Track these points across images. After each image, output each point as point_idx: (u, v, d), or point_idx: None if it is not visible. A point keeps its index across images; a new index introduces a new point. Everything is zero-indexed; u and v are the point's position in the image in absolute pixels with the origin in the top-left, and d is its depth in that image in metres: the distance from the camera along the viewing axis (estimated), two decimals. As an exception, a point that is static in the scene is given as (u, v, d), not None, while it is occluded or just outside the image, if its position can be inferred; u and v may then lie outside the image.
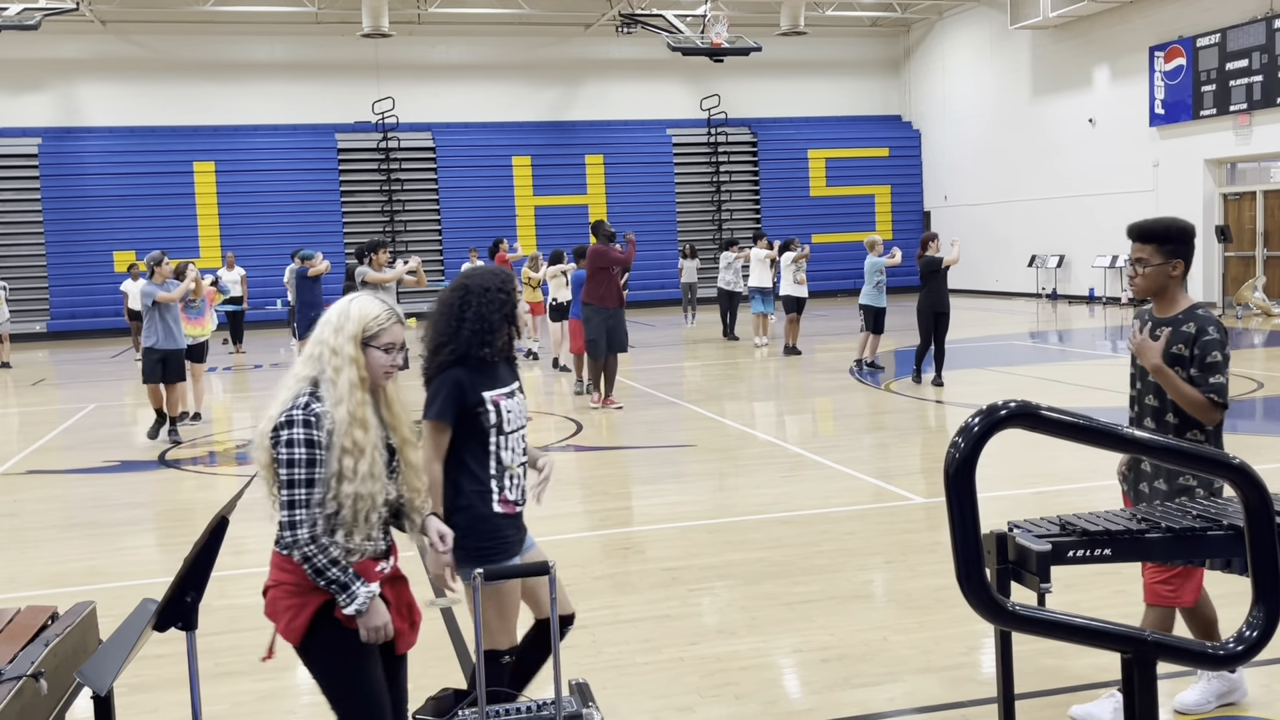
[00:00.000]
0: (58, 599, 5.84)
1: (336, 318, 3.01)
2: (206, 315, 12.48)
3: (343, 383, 2.93)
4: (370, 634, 2.95)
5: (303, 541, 2.87)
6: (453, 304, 3.58)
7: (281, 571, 2.99)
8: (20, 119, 26.11)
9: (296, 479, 2.88)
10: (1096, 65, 24.41)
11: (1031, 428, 2.41)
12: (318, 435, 2.89)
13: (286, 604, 2.98)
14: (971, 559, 2.41)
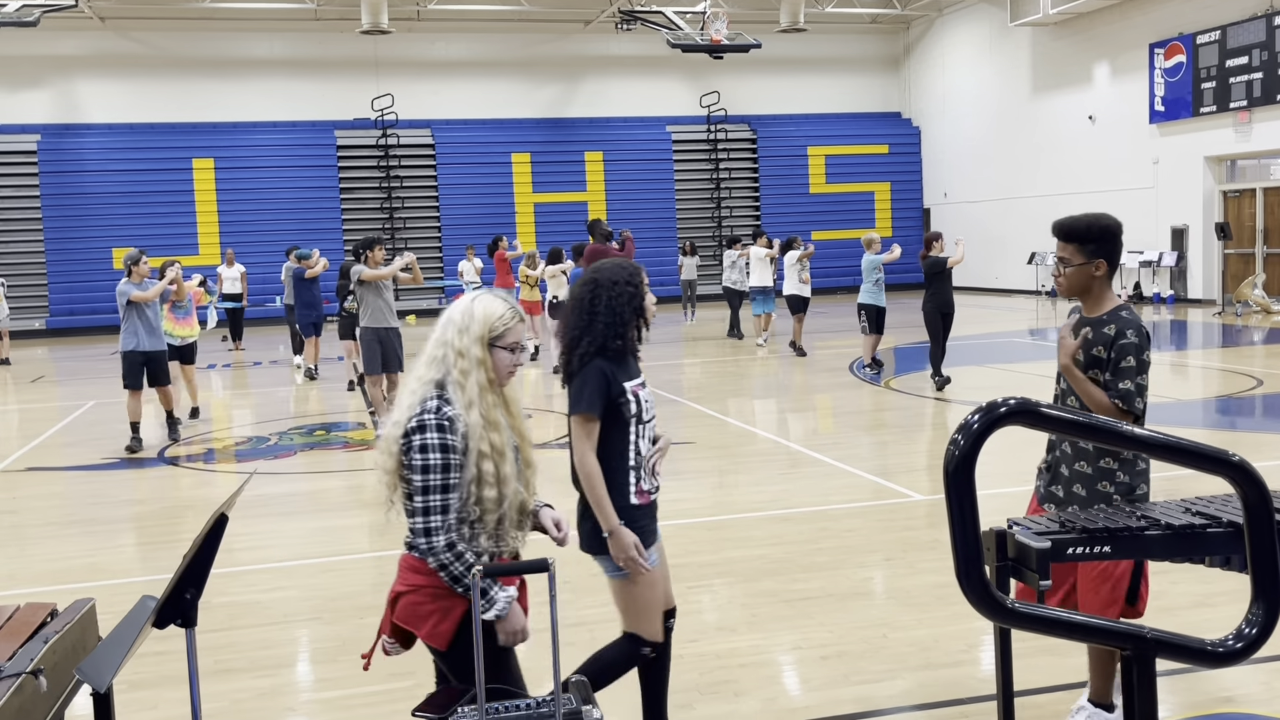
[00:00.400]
0: (57, 596, 5.84)
1: (460, 318, 2.95)
2: (194, 316, 12.06)
3: (472, 385, 2.88)
4: (508, 638, 2.93)
5: (439, 549, 2.84)
6: (583, 298, 3.57)
7: (418, 575, 2.95)
8: (19, 115, 26.09)
9: (432, 485, 2.83)
10: (1096, 62, 24.40)
11: (1031, 425, 2.41)
12: (451, 440, 2.83)
13: (430, 609, 2.93)
14: (971, 556, 2.41)
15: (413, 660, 4.91)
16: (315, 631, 5.38)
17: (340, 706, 4.50)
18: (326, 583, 6.16)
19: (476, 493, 2.85)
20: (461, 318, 2.94)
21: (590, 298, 3.57)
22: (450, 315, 2.98)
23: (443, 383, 2.90)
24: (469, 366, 2.89)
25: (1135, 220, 23.44)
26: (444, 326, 2.97)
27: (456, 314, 2.97)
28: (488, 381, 2.91)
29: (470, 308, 2.95)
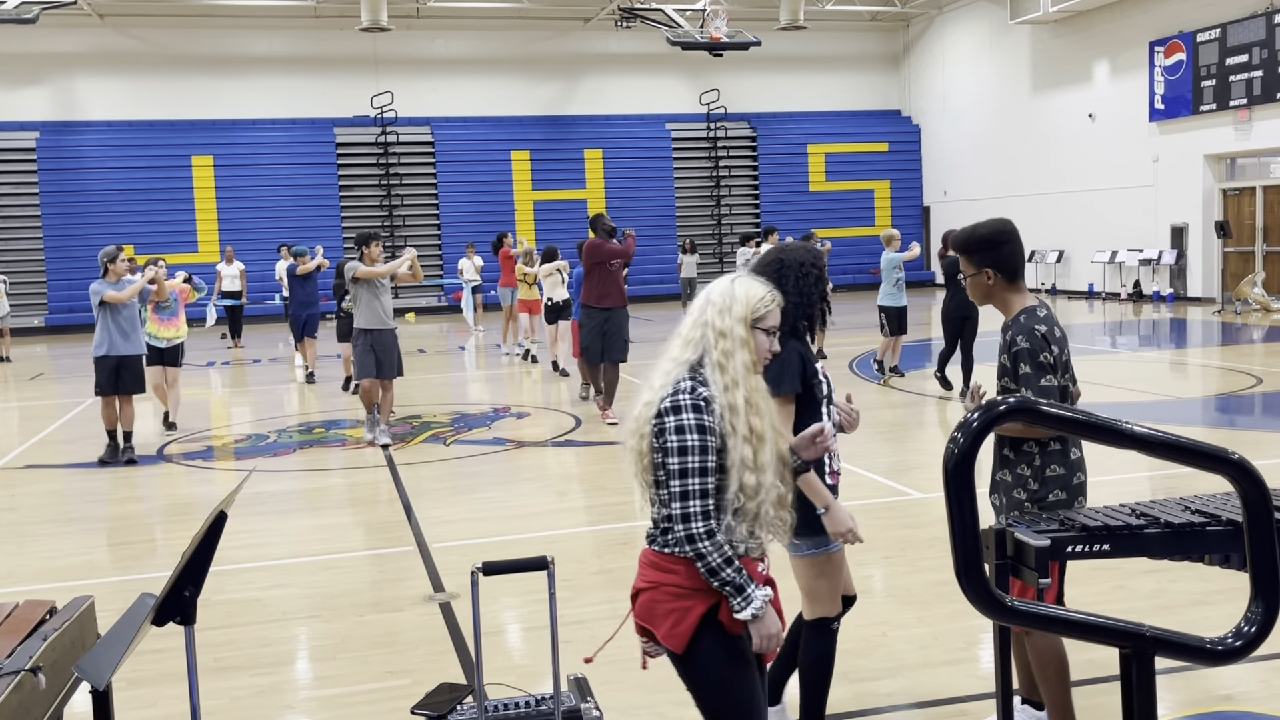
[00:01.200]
0: (56, 593, 5.84)
1: (721, 299, 2.81)
2: (181, 316, 11.25)
3: (736, 366, 2.73)
4: (763, 642, 2.74)
5: (699, 536, 2.65)
6: (770, 277, 3.47)
7: (661, 572, 2.77)
8: (18, 113, 26.07)
9: (690, 468, 2.66)
10: (1096, 60, 24.40)
11: (1030, 423, 2.41)
12: (709, 421, 2.69)
13: (669, 607, 2.75)
14: (970, 554, 2.41)
15: (411, 658, 4.91)
16: (314, 629, 5.38)
17: (339, 704, 4.50)
18: (325, 580, 6.16)
19: (739, 478, 2.68)
20: (722, 298, 2.81)
21: (778, 279, 3.54)
22: (709, 296, 2.84)
23: (699, 364, 2.77)
24: (731, 347, 2.75)
25: (1135, 218, 23.45)
26: (702, 307, 2.83)
27: (716, 294, 2.83)
28: (751, 363, 2.76)
29: (730, 288, 2.82)
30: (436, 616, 5.46)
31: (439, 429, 10.84)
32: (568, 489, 8.26)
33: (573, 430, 10.53)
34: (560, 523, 7.26)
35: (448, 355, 18.09)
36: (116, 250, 9.71)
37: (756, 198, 30.29)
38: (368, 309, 9.77)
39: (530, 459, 9.40)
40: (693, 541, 2.65)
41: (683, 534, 2.66)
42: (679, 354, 2.80)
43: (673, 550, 2.71)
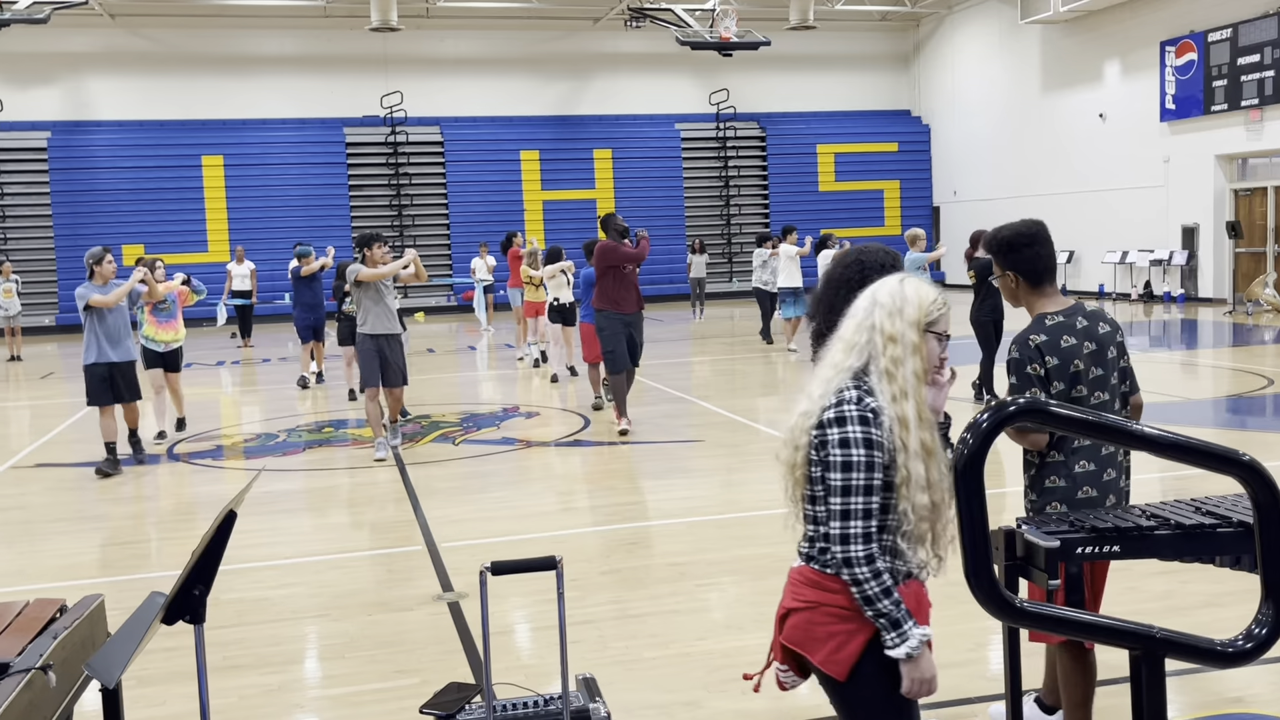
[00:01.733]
0: (66, 592, 5.86)
1: (890, 300, 2.60)
2: (179, 319, 10.70)
3: (906, 375, 2.52)
4: (914, 686, 2.52)
5: (857, 561, 2.45)
6: (851, 279, 3.35)
7: (823, 591, 2.56)
8: (30, 113, 26.17)
9: (855, 485, 2.45)
10: (1107, 60, 24.32)
11: (1040, 424, 2.40)
12: (876, 434, 2.48)
13: (829, 631, 2.54)
14: (980, 555, 2.40)
15: (419, 657, 4.92)
16: (323, 628, 5.39)
17: (348, 703, 4.50)
18: (334, 579, 6.17)
19: (908, 496, 2.47)
20: (891, 299, 2.59)
21: (860, 280, 3.47)
22: (876, 297, 2.62)
23: (864, 371, 2.56)
24: (902, 354, 2.54)
25: (1146, 219, 23.37)
26: (868, 309, 2.61)
27: (884, 296, 2.61)
28: (923, 371, 2.55)
29: (900, 289, 2.61)
30: (445, 616, 5.47)
31: (448, 428, 10.85)
32: (576, 489, 8.26)
33: (581, 430, 10.53)
34: (569, 523, 7.26)
35: (457, 355, 18.11)
36: (103, 252, 9.19)
37: (766, 198, 30.27)
38: (372, 313, 9.32)
39: (539, 459, 9.40)
40: (850, 566, 2.46)
41: (840, 557, 2.47)
42: (841, 359, 2.59)
43: (835, 570, 2.53)
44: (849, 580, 2.47)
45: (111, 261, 9.17)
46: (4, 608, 3.26)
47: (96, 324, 9.03)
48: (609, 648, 4.95)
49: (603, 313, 10.15)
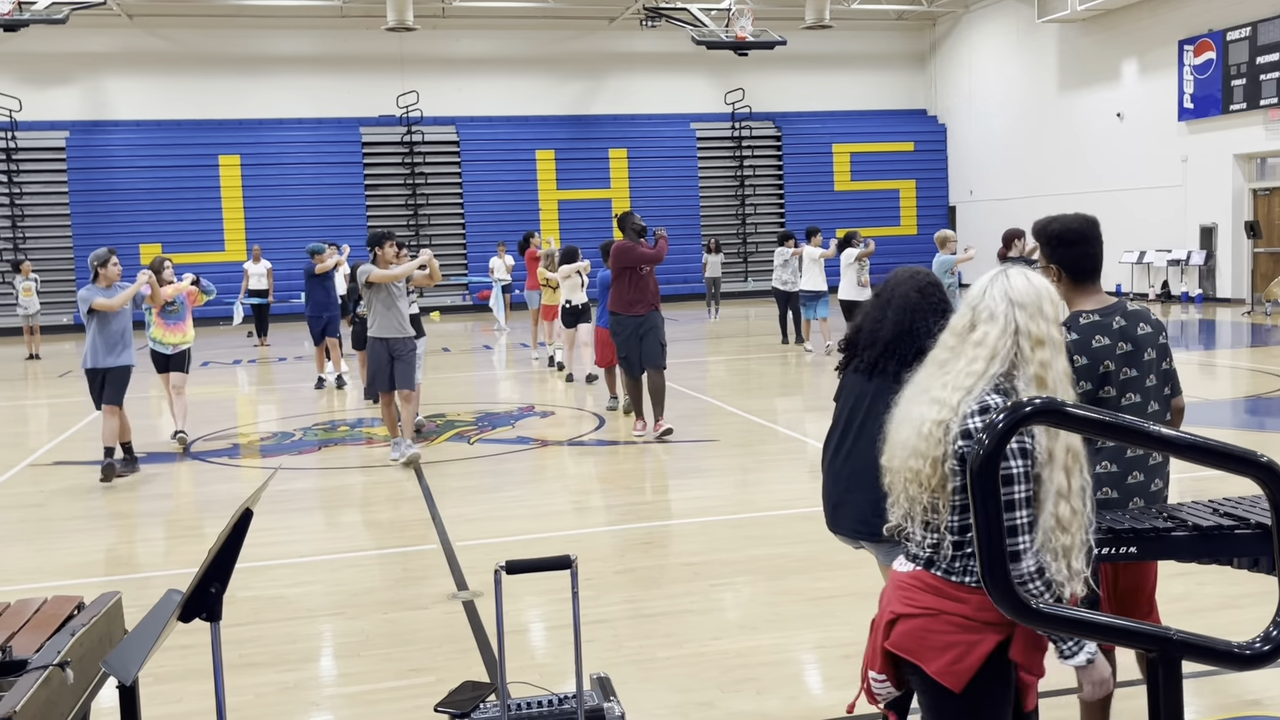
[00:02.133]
0: (84, 589, 5.89)
1: (1026, 297, 2.48)
2: (188, 320, 10.36)
3: (1057, 377, 2.43)
4: (1094, 689, 2.51)
5: (1030, 575, 2.38)
6: (934, 300, 3.60)
7: (946, 599, 2.49)
8: (48, 112, 26.32)
9: (1017, 499, 2.36)
10: (1125, 59, 24.20)
11: (1057, 424, 2.38)
12: (1029, 444, 2.39)
13: (950, 640, 2.47)
14: (996, 556, 2.39)
15: (434, 656, 4.93)
16: (338, 626, 5.41)
17: (363, 701, 4.52)
18: (350, 578, 6.19)
19: (1053, 510, 2.40)
20: (1026, 296, 2.47)
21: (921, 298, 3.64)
22: (1009, 294, 2.48)
23: (1006, 376, 2.46)
24: (1050, 356, 2.43)
25: (1163, 218, 23.24)
26: (1007, 313, 2.47)
27: (1018, 293, 2.48)
28: (1069, 373, 2.46)
29: (1031, 285, 2.49)
30: (460, 614, 5.48)
31: (463, 427, 10.87)
32: (591, 488, 8.26)
33: (596, 430, 10.54)
34: (583, 522, 7.27)
35: (473, 354, 18.14)
36: (108, 253, 8.93)
37: (781, 197, 30.23)
38: (383, 316, 8.96)
39: (553, 458, 9.41)
40: (1024, 584, 2.39)
41: (1026, 574, 2.40)
42: (984, 367, 2.47)
43: (963, 580, 2.47)
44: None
45: (117, 264, 8.95)
46: (22, 604, 3.29)
47: (97, 328, 8.80)
48: (623, 647, 4.95)
49: (615, 316, 9.83)
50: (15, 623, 3.12)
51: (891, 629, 2.56)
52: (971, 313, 2.54)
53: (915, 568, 2.55)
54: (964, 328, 2.55)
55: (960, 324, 2.57)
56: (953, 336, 2.57)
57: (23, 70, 26.03)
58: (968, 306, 2.57)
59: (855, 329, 3.85)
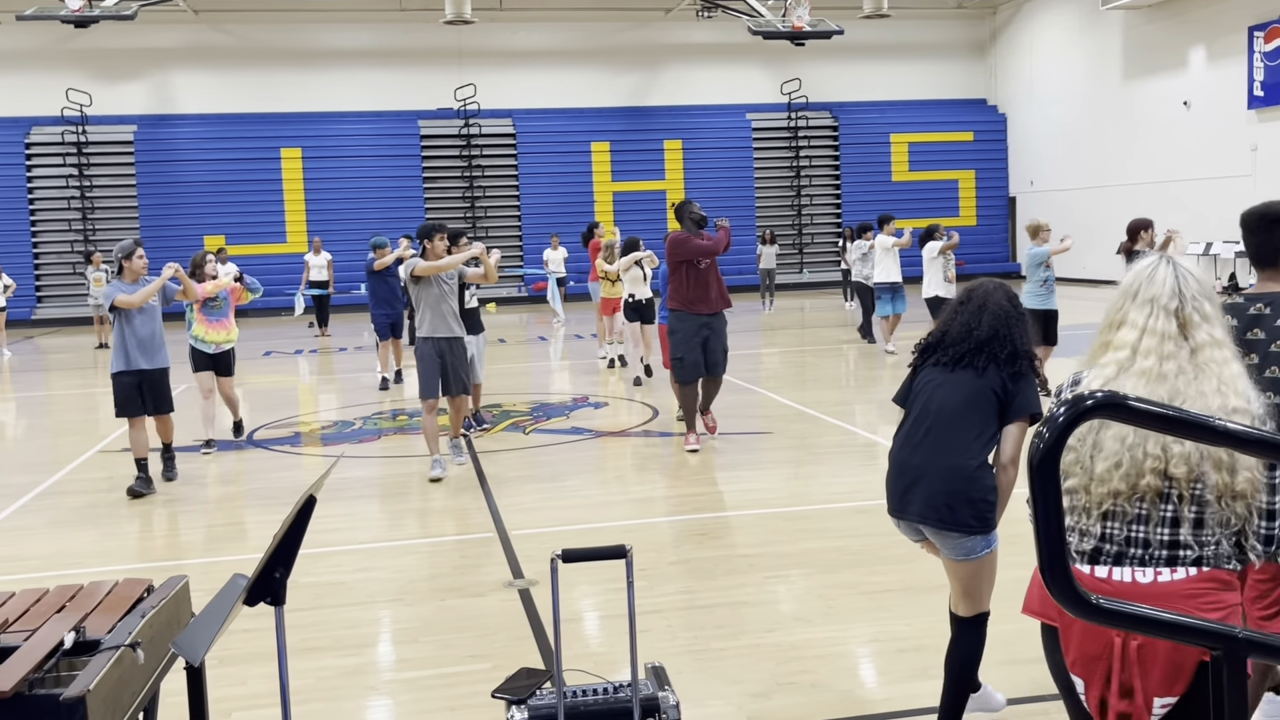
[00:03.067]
0: (152, 572, 6.03)
1: (1209, 288, 2.59)
2: (231, 318, 9.82)
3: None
4: None
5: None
6: (1021, 311, 3.78)
7: (1237, 591, 2.50)
8: (117, 107, 26.86)
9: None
10: (1192, 46, 23.69)
11: (1118, 418, 2.36)
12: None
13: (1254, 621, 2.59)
14: (1055, 550, 2.37)
15: (491, 643, 4.98)
16: (398, 612, 5.49)
17: (421, 686, 4.58)
18: (409, 565, 6.27)
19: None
20: (1209, 288, 2.58)
21: (1020, 309, 3.80)
22: (1202, 290, 2.59)
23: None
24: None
25: (1231, 209, 22.73)
26: (1212, 307, 2.57)
27: (1205, 287, 2.59)
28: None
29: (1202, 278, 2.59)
30: (516, 602, 5.53)
31: (518, 418, 10.94)
32: (645, 479, 8.29)
33: (650, 420, 10.56)
34: (638, 513, 7.29)
35: (528, 345, 18.25)
36: (134, 245, 8.19)
37: (838, 188, 30.01)
38: (432, 313, 8.28)
39: (608, 449, 9.45)
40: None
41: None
42: (1241, 363, 2.53)
43: (1236, 567, 2.46)
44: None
45: (143, 256, 8.18)
46: (94, 587, 3.38)
47: (125, 327, 8.09)
48: (678, 637, 4.97)
49: (675, 313, 8.97)
50: (88, 605, 3.21)
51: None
52: (1174, 315, 2.54)
53: (1196, 570, 2.48)
54: (1174, 333, 2.53)
55: (1168, 329, 2.54)
56: (1168, 342, 2.52)
57: (93, 66, 26.59)
58: (1159, 308, 2.54)
59: (942, 331, 3.87)
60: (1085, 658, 2.50)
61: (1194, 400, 2.44)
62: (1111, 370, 2.54)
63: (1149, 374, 2.49)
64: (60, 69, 26.39)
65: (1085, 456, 2.52)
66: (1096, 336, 2.68)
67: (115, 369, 8.16)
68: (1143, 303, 2.55)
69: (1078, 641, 2.52)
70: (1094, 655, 2.49)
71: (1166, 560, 2.48)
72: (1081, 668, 2.51)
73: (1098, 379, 2.55)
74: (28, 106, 26.43)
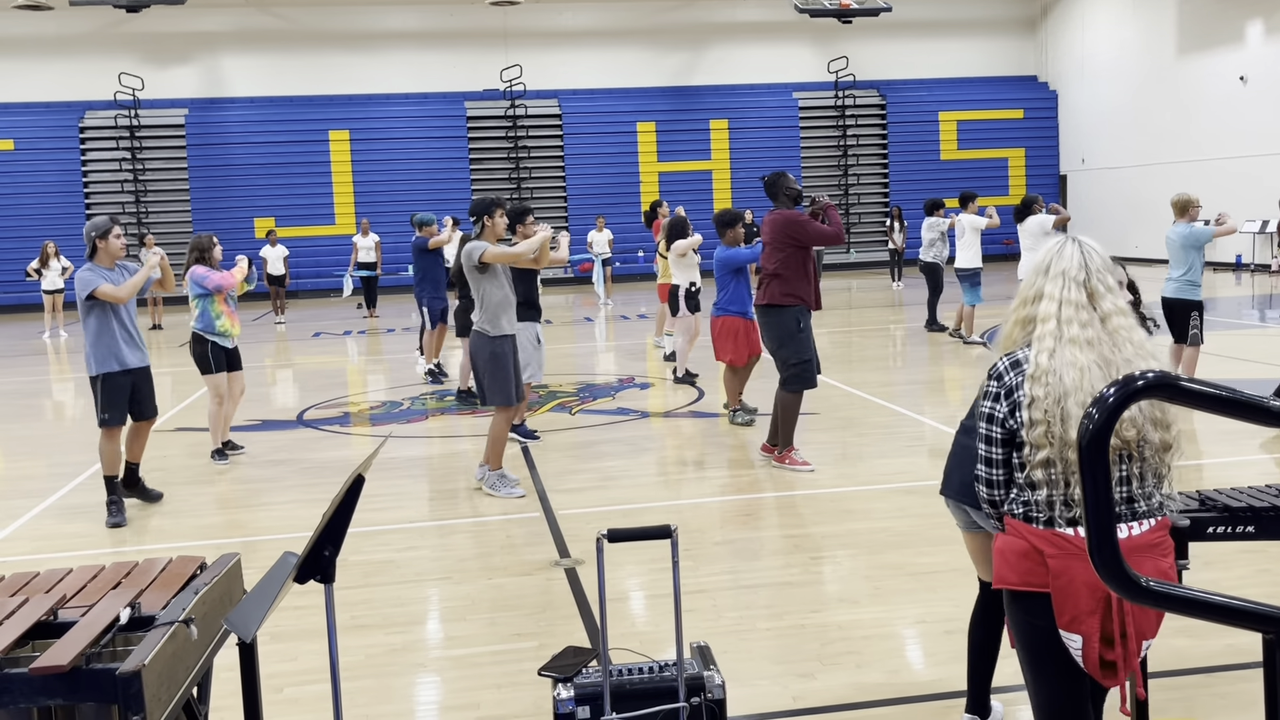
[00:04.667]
0: (205, 550, 6.15)
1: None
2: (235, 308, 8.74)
3: None
4: None
5: None
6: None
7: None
8: (169, 90, 27.20)
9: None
10: (1249, 19, 23.15)
11: (1170, 399, 2.32)
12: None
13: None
14: (1105, 533, 2.34)
15: (537, 621, 5.02)
16: (445, 591, 5.55)
17: (468, 664, 4.63)
18: (457, 543, 6.33)
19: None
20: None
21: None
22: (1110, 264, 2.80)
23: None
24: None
25: (1290, 186, 22.24)
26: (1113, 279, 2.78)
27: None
28: None
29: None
30: (562, 581, 5.57)
31: (564, 398, 10.99)
32: (690, 460, 8.29)
33: (696, 401, 10.55)
34: (683, 493, 7.30)
35: (574, 326, 18.29)
36: (109, 222, 6.96)
37: (885, 167, 29.72)
38: (501, 305, 7.11)
39: (654, 429, 9.46)
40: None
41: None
42: (1141, 330, 2.78)
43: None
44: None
45: (120, 235, 6.96)
46: (149, 564, 3.44)
47: (110, 320, 6.89)
48: (723, 617, 4.98)
49: (791, 309, 7.62)
50: (142, 581, 3.27)
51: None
52: (1083, 286, 2.72)
53: (1152, 520, 2.69)
54: (1085, 303, 2.71)
55: (1080, 299, 2.70)
56: (1083, 311, 2.69)
57: (145, 50, 26.93)
58: (1070, 279, 2.72)
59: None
60: (1082, 615, 2.60)
61: (1122, 365, 2.62)
62: (1050, 342, 2.67)
63: (1078, 341, 2.65)
64: (113, 53, 26.75)
65: (1056, 426, 2.63)
66: (1009, 315, 2.81)
67: (103, 369, 6.92)
68: (1054, 276, 2.72)
69: (1073, 602, 2.61)
70: (1089, 611, 2.60)
71: (1133, 514, 2.66)
72: (1079, 625, 2.61)
73: (1043, 351, 2.66)
74: (82, 91, 26.84)
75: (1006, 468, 2.73)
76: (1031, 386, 2.64)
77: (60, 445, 9.78)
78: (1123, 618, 2.59)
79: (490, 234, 7.21)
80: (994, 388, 2.72)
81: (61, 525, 7.10)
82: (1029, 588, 2.71)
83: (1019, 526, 2.72)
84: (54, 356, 17.01)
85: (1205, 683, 4.11)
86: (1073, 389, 2.61)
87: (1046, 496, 2.65)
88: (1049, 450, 2.63)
